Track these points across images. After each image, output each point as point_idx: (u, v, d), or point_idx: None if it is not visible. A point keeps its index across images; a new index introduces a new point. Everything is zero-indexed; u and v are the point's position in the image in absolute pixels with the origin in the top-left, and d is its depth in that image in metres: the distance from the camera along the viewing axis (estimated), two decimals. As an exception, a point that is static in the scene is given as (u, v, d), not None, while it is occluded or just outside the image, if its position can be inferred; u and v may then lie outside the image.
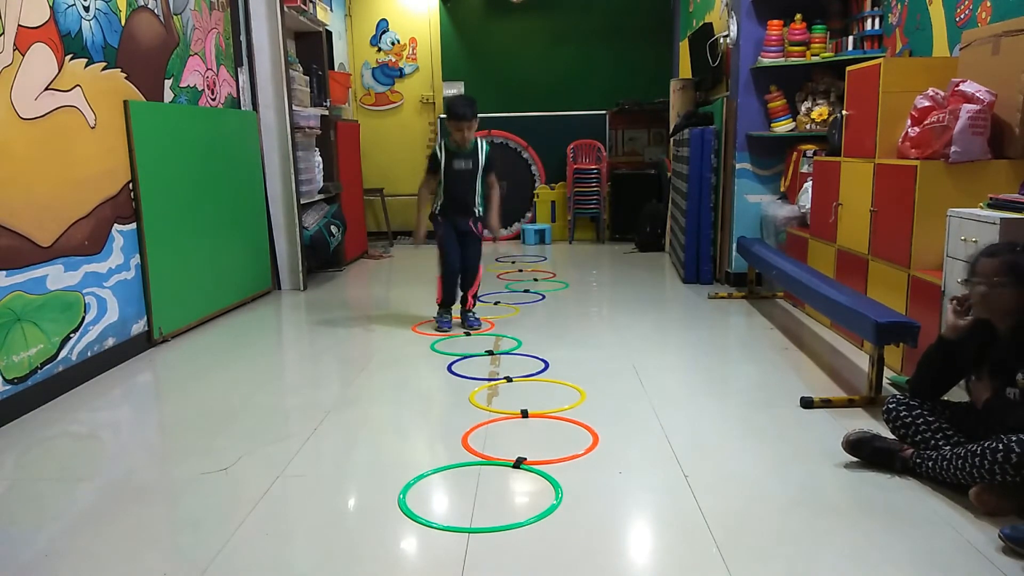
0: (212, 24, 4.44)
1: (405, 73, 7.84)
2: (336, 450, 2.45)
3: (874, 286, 3.34)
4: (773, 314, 4.19)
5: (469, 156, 3.79)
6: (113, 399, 3.02)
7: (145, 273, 3.62)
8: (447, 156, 3.80)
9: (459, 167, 3.78)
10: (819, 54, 4.57)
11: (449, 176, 3.80)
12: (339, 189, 5.96)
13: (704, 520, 1.92)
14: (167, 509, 2.09)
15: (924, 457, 2.10)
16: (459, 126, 3.70)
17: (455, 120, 3.72)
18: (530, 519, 1.92)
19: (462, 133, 3.71)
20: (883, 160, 3.30)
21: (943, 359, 2.17)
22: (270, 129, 4.95)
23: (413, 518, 1.94)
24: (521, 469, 2.22)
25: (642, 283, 5.25)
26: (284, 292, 5.06)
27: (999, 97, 2.90)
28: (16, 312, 2.77)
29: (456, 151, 3.79)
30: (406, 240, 7.65)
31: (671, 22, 7.51)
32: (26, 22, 2.84)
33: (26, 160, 2.84)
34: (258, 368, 3.43)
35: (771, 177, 4.97)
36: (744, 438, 2.47)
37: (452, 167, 3.78)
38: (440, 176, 3.81)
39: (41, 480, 2.26)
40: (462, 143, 3.75)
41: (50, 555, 1.83)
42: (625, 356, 3.39)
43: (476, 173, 3.81)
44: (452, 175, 3.79)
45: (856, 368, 3.17)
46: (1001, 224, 2.45)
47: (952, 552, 1.77)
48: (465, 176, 3.79)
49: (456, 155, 3.79)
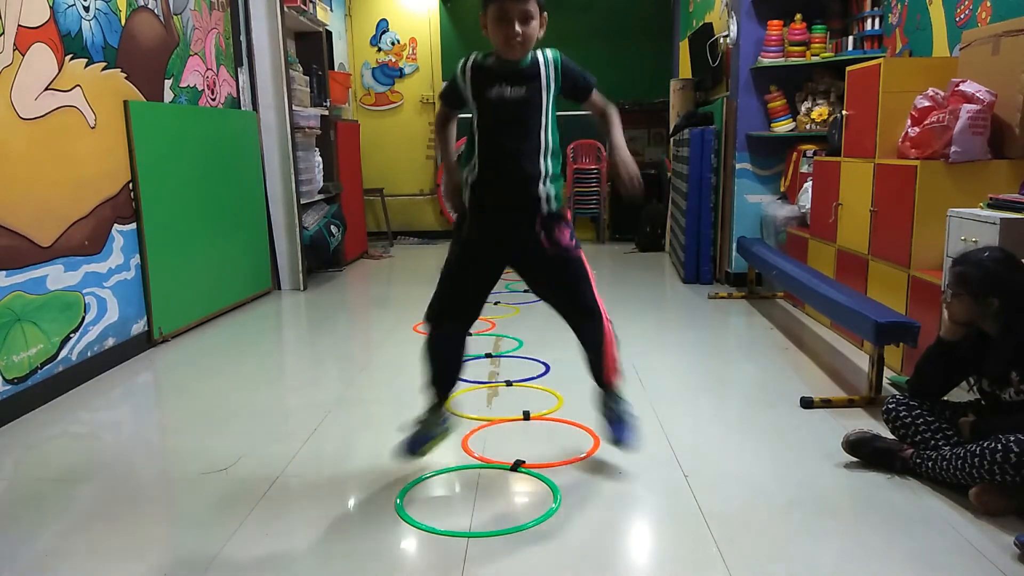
0: (212, 24, 4.44)
1: (405, 73, 7.84)
2: (336, 450, 2.45)
3: (874, 286, 3.34)
4: (773, 314, 4.19)
5: (524, 77, 1.94)
6: (113, 399, 3.02)
7: (145, 273, 3.62)
8: (479, 79, 1.95)
9: (506, 96, 1.93)
10: (819, 54, 4.57)
11: (487, 117, 1.95)
12: (339, 189, 5.96)
13: (704, 520, 1.92)
14: (167, 509, 2.09)
15: (924, 457, 2.10)
16: (507, 10, 1.85)
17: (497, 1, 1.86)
18: (528, 523, 1.92)
19: (511, 26, 1.85)
20: (883, 160, 3.30)
21: (942, 360, 2.18)
22: (270, 129, 4.95)
23: (411, 523, 1.94)
24: (519, 472, 2.22)
25: (642, 283, 5.25)
26: (284, 292, 5.06)
27: (999, 97, 2.90)
28: (16, 312, 2.77)
29: (498, 69, 1.94)
30: (406, 240, 7.65)
31: (671, 22, 7.51)
32: (26, 22, 2.84)
33: (26, 160, 2.83)
34: (258, 368, 3.43)
35: (771, 177, 4.97)
36: (744, 438, 2.47)
37: (490, 98, 1.94)
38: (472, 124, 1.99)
39: (41, 480, 2.26)
40: (511, 49, 1.90)
41: (50, 555, 1.83)
42: (625, 356, 3.37)
43: (543, 108, 1.95)
44: (492, 114, 1.95)
45: (856, 368, 3.17)
46: (1001, 224, 2.45)
47: (952, 552, 1.77)
48: (520, 115, 1.94)
49: (498, 76, 1.94)
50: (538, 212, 1.97)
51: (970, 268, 2.05)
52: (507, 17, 1.85)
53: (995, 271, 2.02)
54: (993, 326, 2.05)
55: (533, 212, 1.96)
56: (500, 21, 1.86)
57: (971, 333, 2.11)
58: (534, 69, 1.95)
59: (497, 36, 1.89)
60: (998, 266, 2.03)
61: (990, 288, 2.01)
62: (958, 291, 2.06)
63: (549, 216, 1.98)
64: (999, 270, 2.02)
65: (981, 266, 2.04)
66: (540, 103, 1.95)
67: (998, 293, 2.00)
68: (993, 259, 2.04)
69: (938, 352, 2.19)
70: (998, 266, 2.03)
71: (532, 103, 1.94)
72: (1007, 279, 2.01)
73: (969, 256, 2.10)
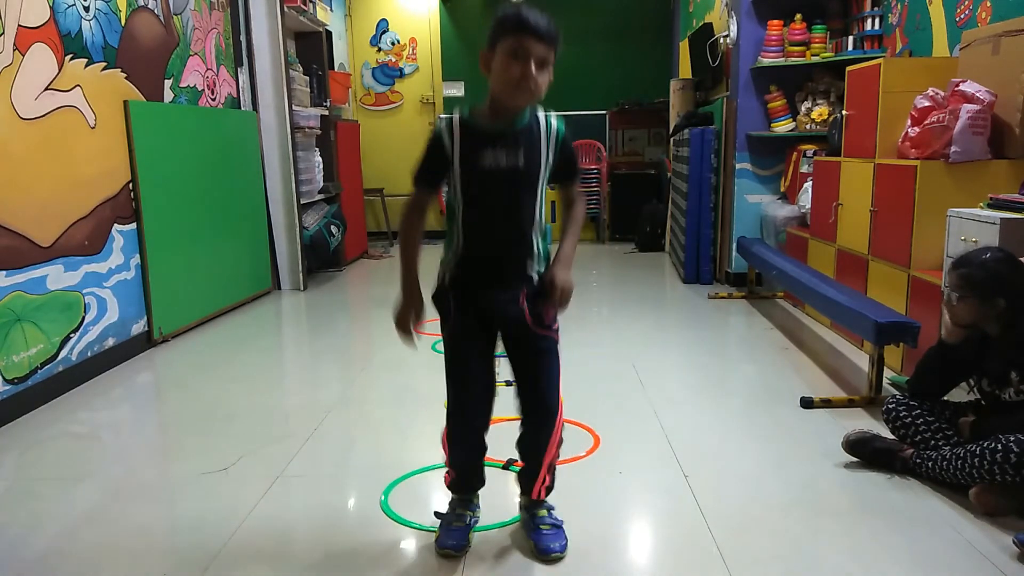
0: (212, 24, 4.44)
1: (405, 73, 7.84)
2: (336, 450, 2.45)
3: (874, 286, 3.34)
4: (773, 314, 4.19)
5: (520, 141, 1.64)
6: (113, 399, 3.02)
7: (145, 273, 3.62)
8: (470, 143, 1.63)
9: (498, 165, 1.63)
10: (819, 54, 4.57)
11: (474, 188, 1.66)
12: (339, 189, 5.96)
13: (704, 520, 1.92)
14: (167, 509, 2.09)
15: (924, 457, 2.10)
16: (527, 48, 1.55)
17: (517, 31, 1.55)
18: (517, 517, 1.90)
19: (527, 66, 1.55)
20: (883, 160, 3.30)
21: (942, 362, 2.18)
22: (270, 129, 4.95)
23: (397, 519, 1.94)
24: (510, 471, 2.18)
25: (642, 283, 5.25)
26: (284, 292, 5.06)
27: (999, 97, 2.90)
28: (16, 312, 2.77)
29: (490, 130, 1.64)
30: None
31: (671, 22, 7.51)
32: (26, 22, 2.84)
33: (26, 160, 2.83)
34: (258, 368, 3.43)
35: (771, 177, 4.97)
36: (744, 438, 2.47)
37: (483, 166, 1.63)
38: (454, 193, 1.69)
39: (41, 480, 2.26)
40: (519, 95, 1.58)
41: (50, 555, 1.83)
42: (625, 356, 3.38)
43: (536, 181, 1.68)
44: (482, 186, 1.65)
45: (856, 368, 3.17)
46: (1001, 224, 2.45)
47: (952, 552, 1.77)
48: (515, 188, 1.67)
49: (492, 138, 1.63)
50: (523, 288, 1.72)
51: (975, 270, 2.03)
52: (525, 55, 1.54)
53: (1000, 271, 2.01)
54: (995, 326, 2.05)
55: (518, 289, 1.72)
56: (515, 58, 1.54)
57: (972, 335, 2.11)
58: (532, 133, 1.66)
59: (505, 76, 1.55)
60: (1002, 266, 2.02)
61: (997, 289, 2.00)
62: (964, 294, 2.04)
63: (533, 290, 1.73)
64: (1003, 270, 2.01)
65: (986, 267, 2.02)
66: (537, 176, 1.67)
67: (1004, 293, 2.00)
68: (996, 259, 2.03)
69: (939, 354, 2.18)
70: (1002, 266, 2.02)
71: (529, 176, 1.66)
72: (1012, 279, 2.01)
73: (971, 258, 2.08)
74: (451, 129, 1.63)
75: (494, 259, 1.71)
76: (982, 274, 2.02)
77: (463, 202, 1.67)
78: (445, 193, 1.73)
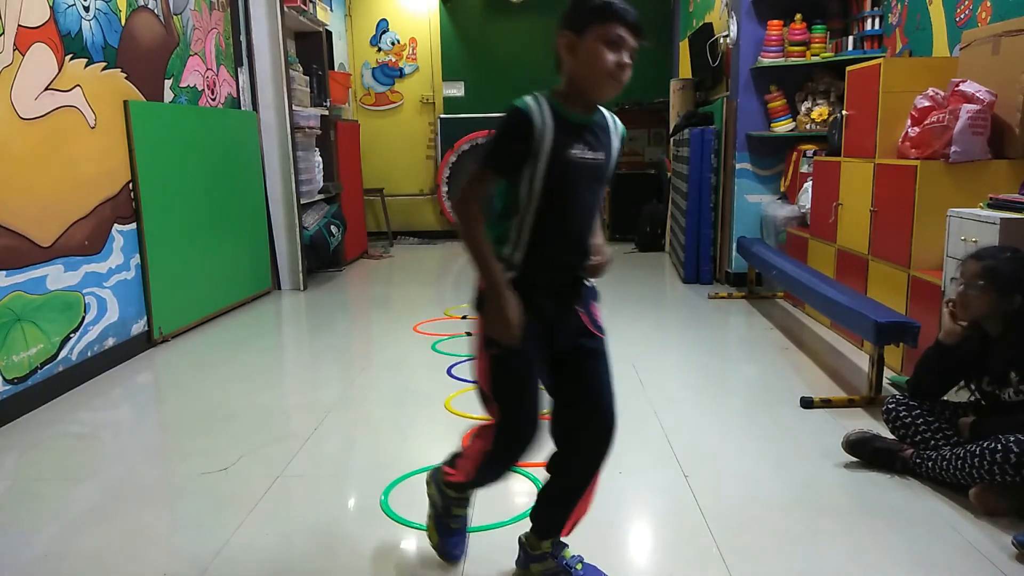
0: (212, 24, 4.44)
1: (405, 73, 7.84)
2: (336, 450, 2.45)
3: (874, 286, 3.34)
4: (773, 314, 4.19)
5: (599, 134, 1.52)
6: (113, 399, 3.02)
7: (145, 273, 3.62)
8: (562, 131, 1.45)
9: (584, 159, 1.49)
10: (819, 54, 4.57)
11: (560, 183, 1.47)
12: (339, 189, 5.96)
13: (704, 520, 1.93)
14: (167, 509, 2.09)
15: (924, 457, 2.10)
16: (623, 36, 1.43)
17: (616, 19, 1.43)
18: (518, 516, 1.90)
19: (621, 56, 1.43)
20: (883, 160, 3.30)
21: (941, 362, 2.18)
22: (270, 129, 4.95)
23: (397, 519, 1.94)
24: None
25: (642, 283, 5.25)
26: (284, 292, 5.06)
27: (999, 97, 2.90)
28: (16, 312, 2.77)
29: (576, 120, 1.48)
30: (406, 240, 7.65)
31: (671, 22, 7.51)
32: (26, 22, 2.84)
33: (26, 160, 2.84)
34: (258, 368, 3.43)
35: (771, 177, 4.97)
36: (744, 438, 2.47)
37: (572, 157, 1.46)
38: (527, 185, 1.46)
39: (41, 480, 2.26)
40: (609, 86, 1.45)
41: (50, 555, 1.83)
42: (625, 356, 3.38)
43: (609, 178, 1.59)
44: (568, 179, 1.48)
45: (856, 368, 3.17)
46: (1001, 224, 2.45)
47: (952, 552, 1.77)
48: (594, 183, 1.54)
49: (579, 128, 1.48)
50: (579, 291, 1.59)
51: (1002, 264, 2.02)
52: (623, 46, 1.42)
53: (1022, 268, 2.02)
54: (998, 325, 2.04)
55: (575, 292, 1.59)
56: (610, 45, 1.41)
57: (971, 335, 2.11)
58: (606, 128, 1.53)
59: (598, 64, 1.41)
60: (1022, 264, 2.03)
61: (1017, 286, 2.00)
62: (987, 285, 2.02)
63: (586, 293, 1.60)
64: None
65: (1013, 262, 2.02)
66: (610, 173, 1.56)
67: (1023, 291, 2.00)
68: (1019, 257, 2.04)
69: (937, 354, 2.18)
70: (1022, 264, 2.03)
71: (608, 172, 1.55)
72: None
73: (993, 252, 2.08)
74: (542, 117, 1.43)
75: (564, 261, 1.55)
76: (1009, 268, 2.01)
77: (539, 196, 1.46)
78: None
